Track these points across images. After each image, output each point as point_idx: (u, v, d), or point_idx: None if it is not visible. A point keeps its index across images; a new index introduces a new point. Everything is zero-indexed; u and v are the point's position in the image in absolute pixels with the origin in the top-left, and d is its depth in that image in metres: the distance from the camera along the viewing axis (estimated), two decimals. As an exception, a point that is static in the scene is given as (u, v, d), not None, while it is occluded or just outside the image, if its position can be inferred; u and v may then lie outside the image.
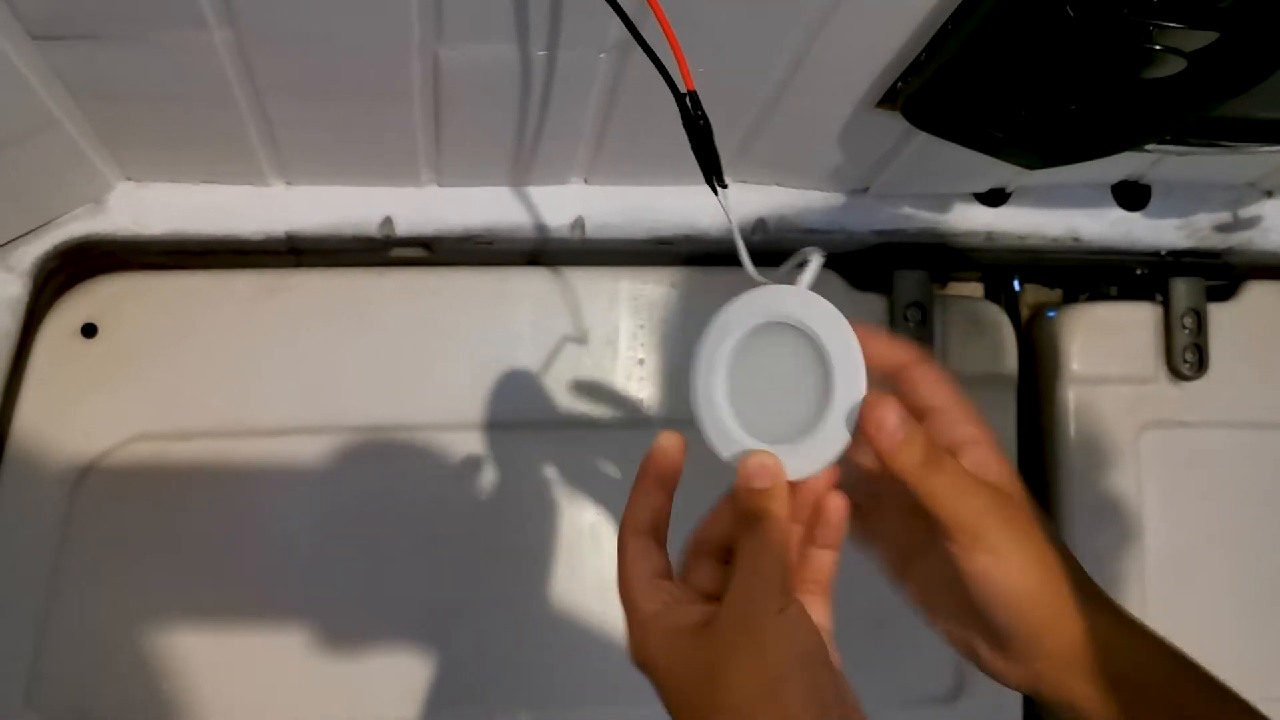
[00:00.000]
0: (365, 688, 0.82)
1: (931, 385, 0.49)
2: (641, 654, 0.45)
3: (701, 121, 0.50)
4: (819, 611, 0.48)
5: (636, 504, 0.48)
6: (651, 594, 0.45)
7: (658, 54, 0.50)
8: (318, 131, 0.72)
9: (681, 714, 0.43)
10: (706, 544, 0.49)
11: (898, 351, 0.49)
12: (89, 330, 0.81)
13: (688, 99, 0.49)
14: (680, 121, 0.50)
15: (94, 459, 0.80)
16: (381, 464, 0.84)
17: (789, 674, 0.42)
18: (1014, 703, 0.91)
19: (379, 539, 0.84)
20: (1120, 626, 0.47)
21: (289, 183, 0.80)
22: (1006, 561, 0.45)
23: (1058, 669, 0.47)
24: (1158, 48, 0.52)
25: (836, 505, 0.48)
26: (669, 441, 0.48)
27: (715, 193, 0.50)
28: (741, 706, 0.41)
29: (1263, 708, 0.46)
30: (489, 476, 0.85)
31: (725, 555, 0.48)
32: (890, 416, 0.44)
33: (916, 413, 0.47)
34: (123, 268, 0.82)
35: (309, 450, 0.83)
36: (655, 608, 0.45)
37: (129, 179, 0.79)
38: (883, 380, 0.49)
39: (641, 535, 0.47)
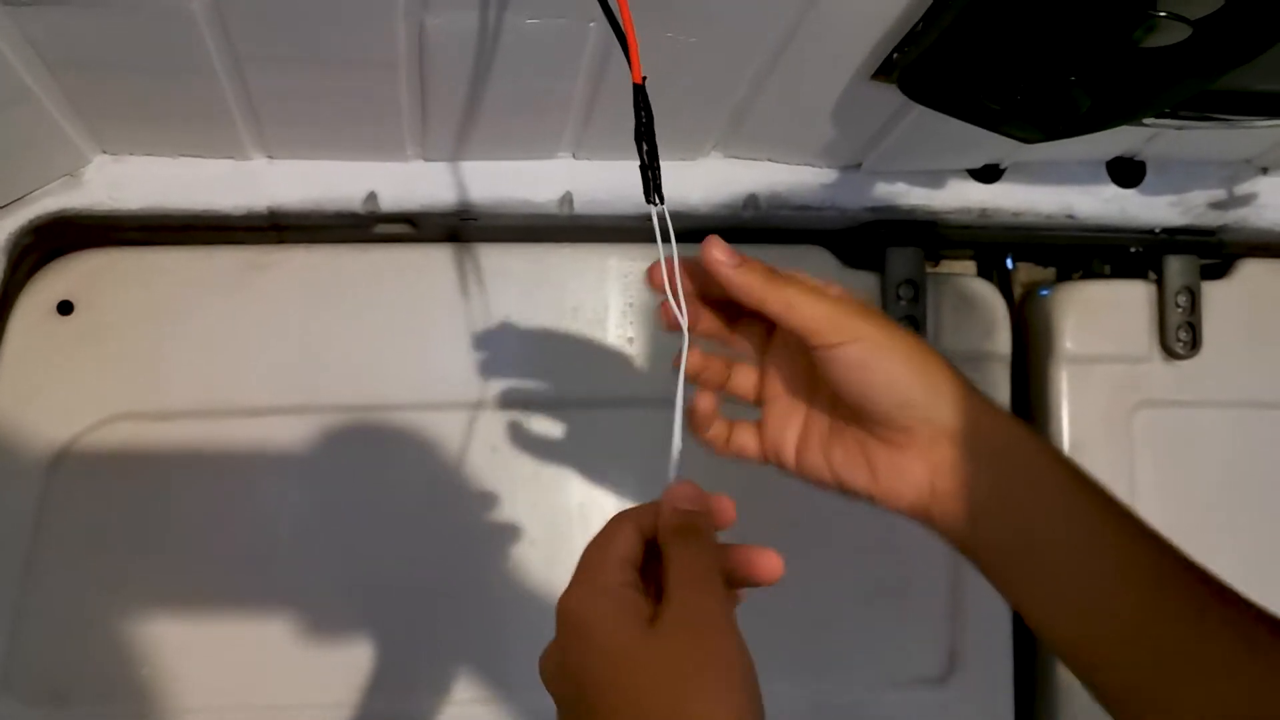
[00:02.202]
0: (348, 672, 0.81)
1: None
2: (581, 611, 0.44)
3: (644, 117, 0.49)
4: None
5: (651, 510, 0.48)
6: (619, 570, 0.45)
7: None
8: (300, 103, 0.71)
9: (598, 687, 0.42)
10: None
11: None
12: (65, 308, 0.79)
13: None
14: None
15: (71, 440, 0.78)
16: (366, 444, 0.82)
17: (744, 680, 0.42)
18: (1005, 682, 0.91)
19: (363, 520, 0.83)
20: (991, 406, 0.48)
21: (271, 157, 0.78)
22: (872, 343, 0.46)
23: (942, 452, 0.47)
24: (1162, 14, 0.51)
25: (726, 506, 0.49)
26: (726, 507, 0.49)
27: (651, 202, 0.49)
28: (708, 712, 0.40)
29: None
30: (475, 456, 0.84)
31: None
32: (718, 249, 0.48)
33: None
34: (100, 244, 0.81)
35: (291, 430, 0.81)
36: (617, 581, 0.44)
37: (105, 152, 0.77)
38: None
39: (638, 530, 0.47)
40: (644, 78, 0.48)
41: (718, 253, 0.48)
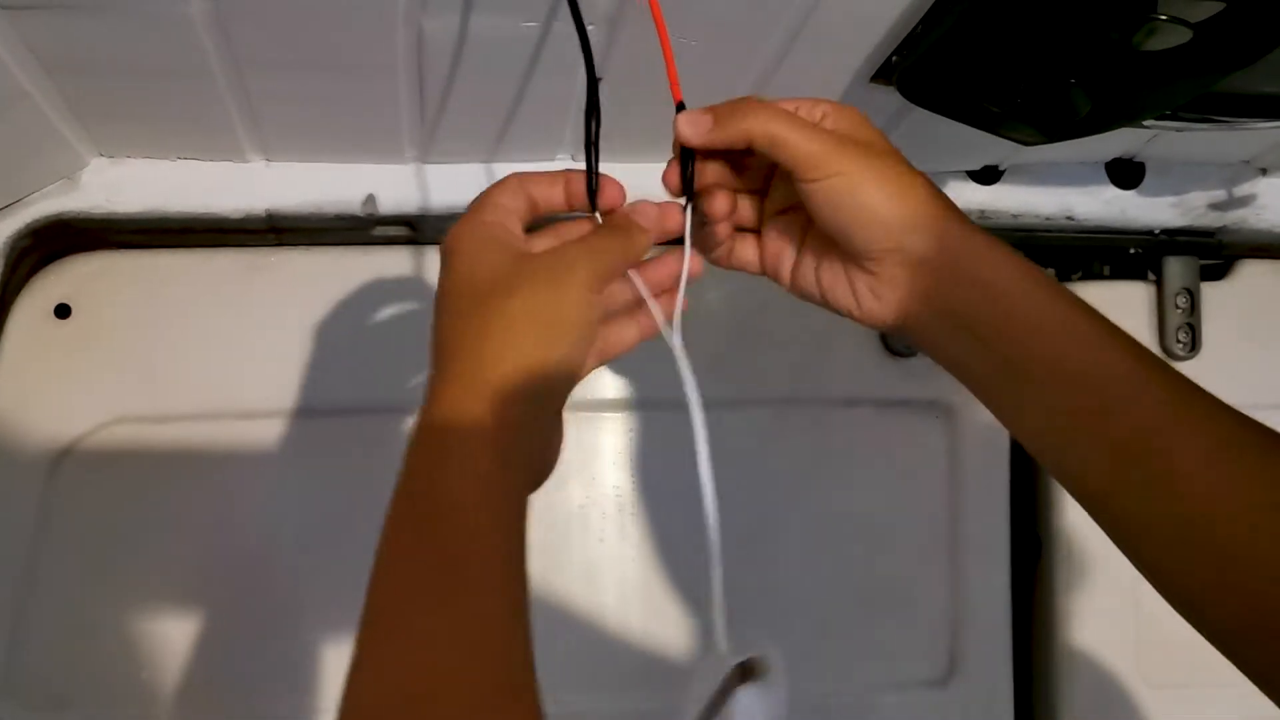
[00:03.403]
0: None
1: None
2: (451, 242, 0.48)
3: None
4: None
5: (547, 180, 0.51)
6: (496, 212, 0.49)
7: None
8: (299, 106, 0.70)
9: (460, 299, 0.47)
10: (562, 232, 0.52)
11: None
12: (63, 311, 0.79)
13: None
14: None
15: (70, 443, 0.78)
16: (365, 446, 0.82)
17: (562, 332, 0.46)
18: (1005, 684, 0.91)
19: (362, 523, 0.82)
20: (970, 231, 0.49)
21: (269, 159, 0.78)
22: (847, 178, 0.48)
23: (915, 279, 0.49)
24: (1163, 17, 0.51)
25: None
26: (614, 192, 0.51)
27: (591, 207, 0.51)
28: (513, 330, 0.45)
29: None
30: (475, 459, 0.84)
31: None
32: (686, 126, 0.49)
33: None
34: (97, 246, 0.80)
35: (291, 433, 0.81)
36: (494, 220, 0.48)
37: (103, 155, 0.77)
38: None
39: (527, 195, 0.50)
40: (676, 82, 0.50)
41: (687, 129, 0.50)
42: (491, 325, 0.45)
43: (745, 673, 0.46)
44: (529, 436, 0.46)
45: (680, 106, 0.50)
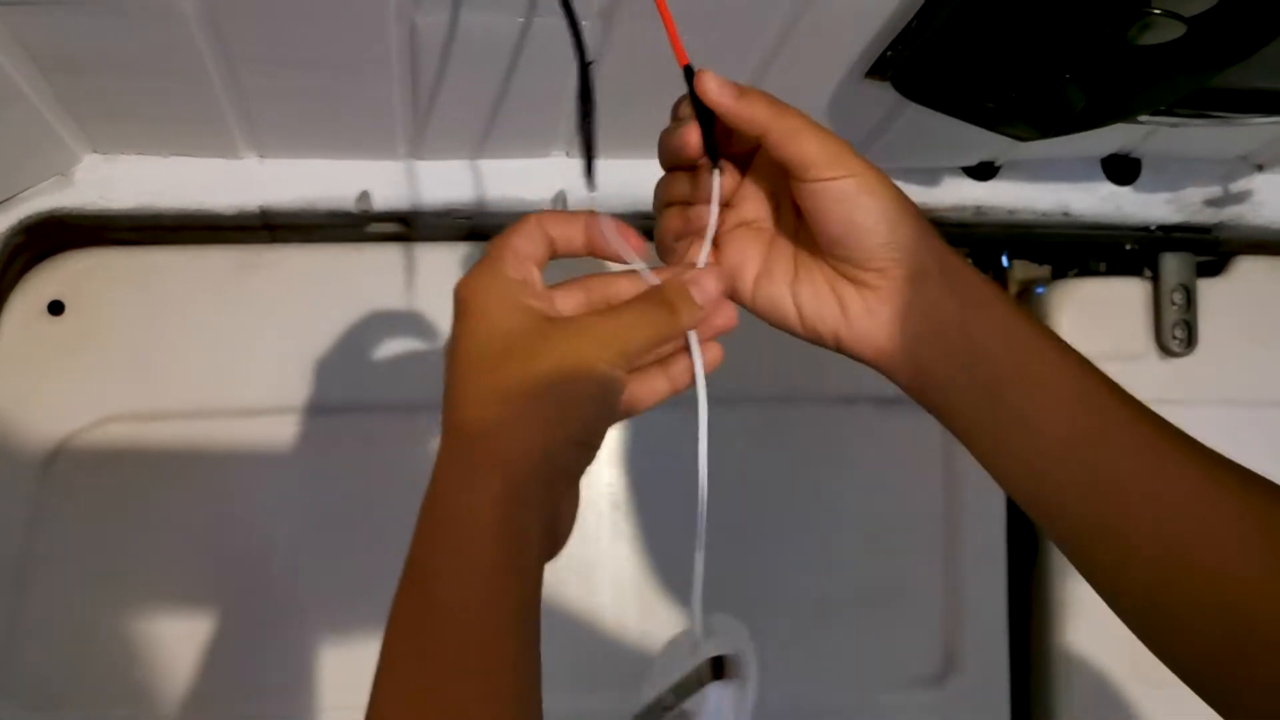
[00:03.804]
0: (344, 672, 0.81)
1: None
2: (466, 293, 0.45)
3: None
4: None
5: (567, 221, 0.48)
6: (518, 263, 0.46)
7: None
8: (292, 103, 0.70)
9: (474, 362, 0.44)
10: (593, 287, 0.49)
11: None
12: (56, 308, 0.79)
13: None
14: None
15: (64, 441, 0.78)
16: (360, 444, 0.82)
17: (581, 408, 0.44)
18: (1001, 682, 0.91)
19: (358, 520, 0.82)
20: (964, 261, 0.49)
21: (262, 155, 0.78)
22: (864, 180, 0.46)
23: (917, 293, 0.47)
24: (1157, 12, 0.51)
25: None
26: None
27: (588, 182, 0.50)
28: (530, 403, 0.42)
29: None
30: (470, 457, 0.83)
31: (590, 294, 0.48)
32: (713, 81, 0.47)
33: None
34: (91, 243, 0.80)
35: (286, 431, 0.81)
36: (515, 272, 0.45)
37: (96, 151, 0.77)
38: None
39: (547, 238, 0.47)
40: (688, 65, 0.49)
41: (714, 85, 0.47)
42: (506, 395, 0.43)
43: (717, 669, 0.45)
44: (543, 514, 0.44)
45: (689, 70, 0.48)
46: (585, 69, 0.49)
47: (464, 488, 0.42)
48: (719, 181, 0.49)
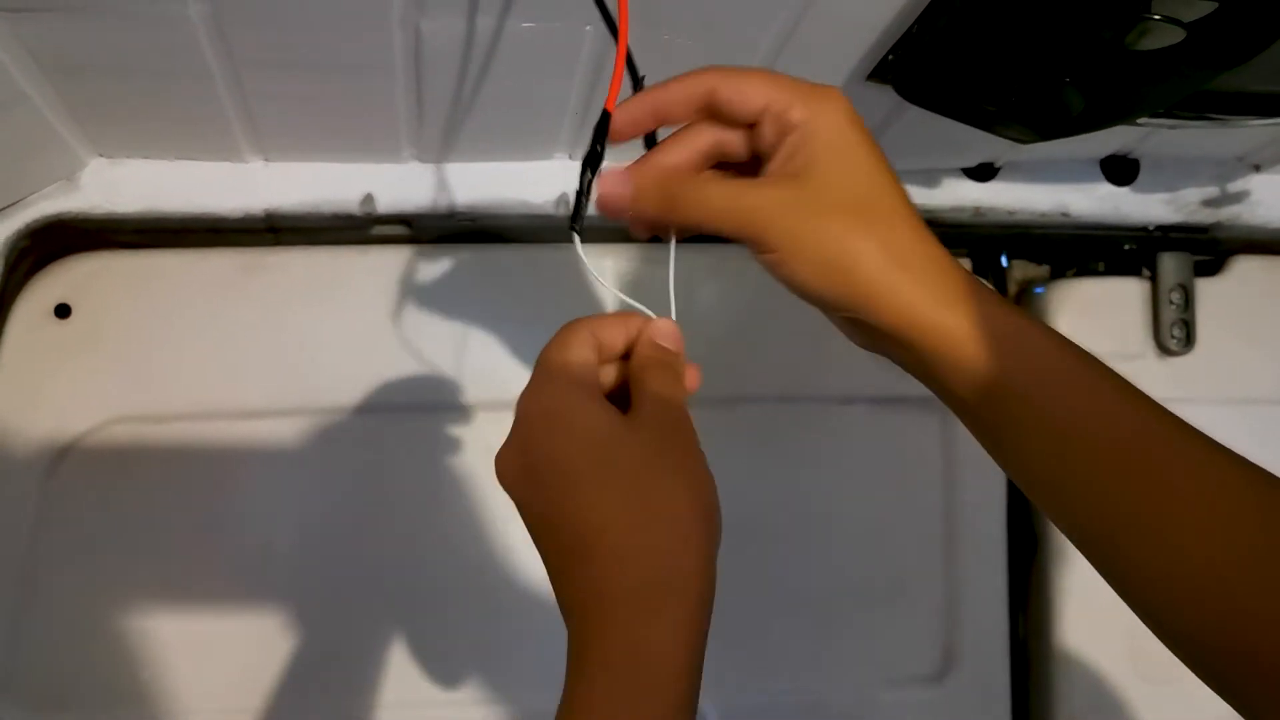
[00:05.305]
0: (346, 673, 0.82)
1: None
2: (551, 404, 0.43)
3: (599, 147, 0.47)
4: None
5: (608, 324, 0.47)
6: (584, 369, 0.44)
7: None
8: (297, 106, 0.71)
9: (573, 475, 0.42)
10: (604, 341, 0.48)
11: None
12: (62, 311, 0.79)
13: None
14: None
15: (69, 443, 0.78)
16: (363, 445, 0.82)
17: (709, 491, 0.42)
18: (1001, 680, 0.91)
19: (361, 522, 0.83)
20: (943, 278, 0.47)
21: (267, 159, 0.78)
22: (778, 256, 0.43)
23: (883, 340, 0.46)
24: (1156, 17, 0.51)
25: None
26: (692, 371, 0.48)
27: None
28: (676, 511, 0.41)
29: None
30: (473, 457, 0.84)
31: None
32: (606, 186, 0.45)
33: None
34: (96, 247, 0.80)
35: (289, 432, 0.81)
36: (585, 377, 0.44)
37: (101, 155, 0.77)
38: None
39: (595, 342, 0.46)
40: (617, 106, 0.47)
41: (608, 193, 0.46)
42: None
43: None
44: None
45: (605, 115, 0.46)
46: (638, 85, 0.48)
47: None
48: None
